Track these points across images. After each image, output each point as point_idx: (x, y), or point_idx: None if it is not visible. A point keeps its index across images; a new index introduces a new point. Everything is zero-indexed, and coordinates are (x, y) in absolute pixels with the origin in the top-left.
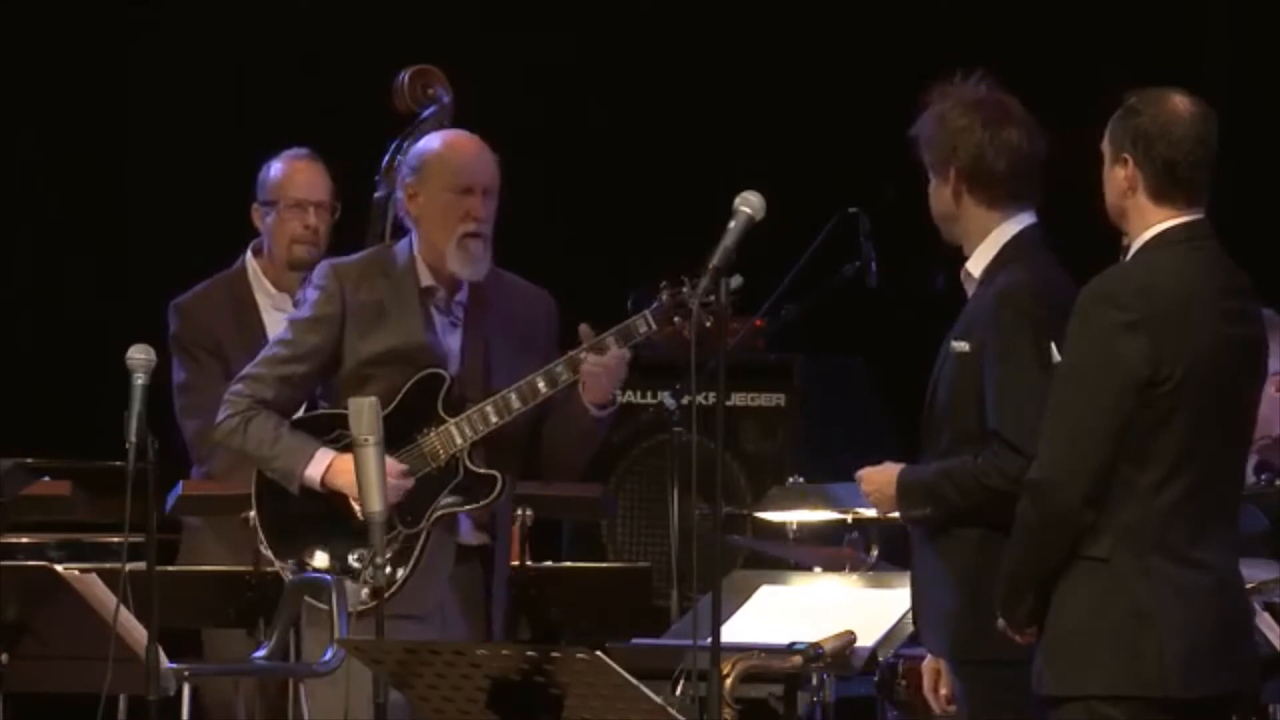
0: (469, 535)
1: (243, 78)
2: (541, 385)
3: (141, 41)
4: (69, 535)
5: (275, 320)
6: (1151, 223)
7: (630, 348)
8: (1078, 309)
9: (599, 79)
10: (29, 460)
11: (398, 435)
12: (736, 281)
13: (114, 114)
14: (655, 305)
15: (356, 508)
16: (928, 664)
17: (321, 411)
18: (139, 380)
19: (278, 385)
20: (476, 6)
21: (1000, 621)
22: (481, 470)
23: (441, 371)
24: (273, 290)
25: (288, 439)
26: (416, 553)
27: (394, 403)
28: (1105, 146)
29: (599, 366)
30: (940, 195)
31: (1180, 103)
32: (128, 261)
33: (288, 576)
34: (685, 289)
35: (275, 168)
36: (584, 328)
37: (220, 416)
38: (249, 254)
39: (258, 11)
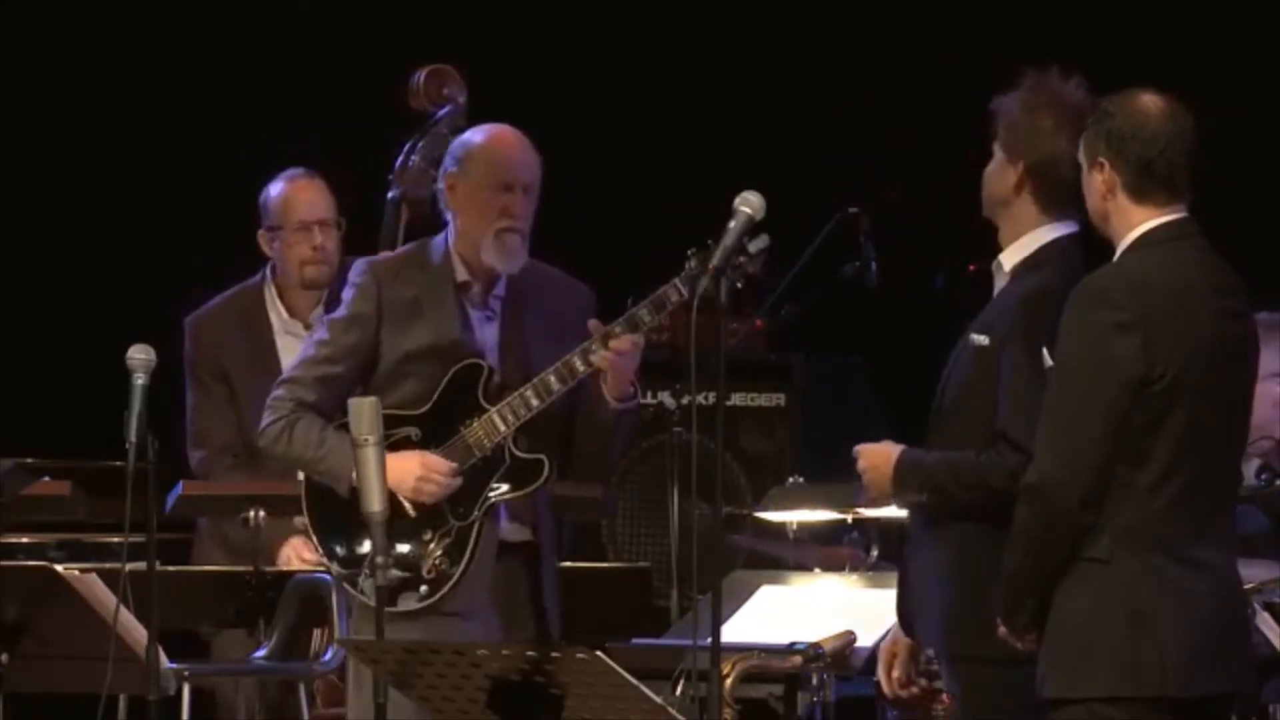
0: (508, 530)
1: (246, 75)
2: (579, 364)
3: (143, 39)
4: (69, 535)
5: (286, 344)
6: (1135, 223)
7: (657, 321)
8: (1069, 310)
9: (598, 79)
10: (29, 460)
11: (442, 429)
12: (762, 241)
13: (115, 113)
14: (683, 273)
15: (407, 505)
16: (885, 645)
17: None
18: (139, 380)
19: (318, 387)
20: (477, 7)
21: (1001, 629)
22: (528, 455)
23: (480, 361)
24: (285, 315)
25: (334, 440)
26: (471, 545)
27: (435, 397)
28: (1081, 155)
29: (613, 355)
30: (1001, 178)
31: (1150, 101)
32: (128, 261)
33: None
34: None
35: (275, 191)
36: (593, 322)
37: (264, 422)
38: (267, 271)
39: (263, 8)
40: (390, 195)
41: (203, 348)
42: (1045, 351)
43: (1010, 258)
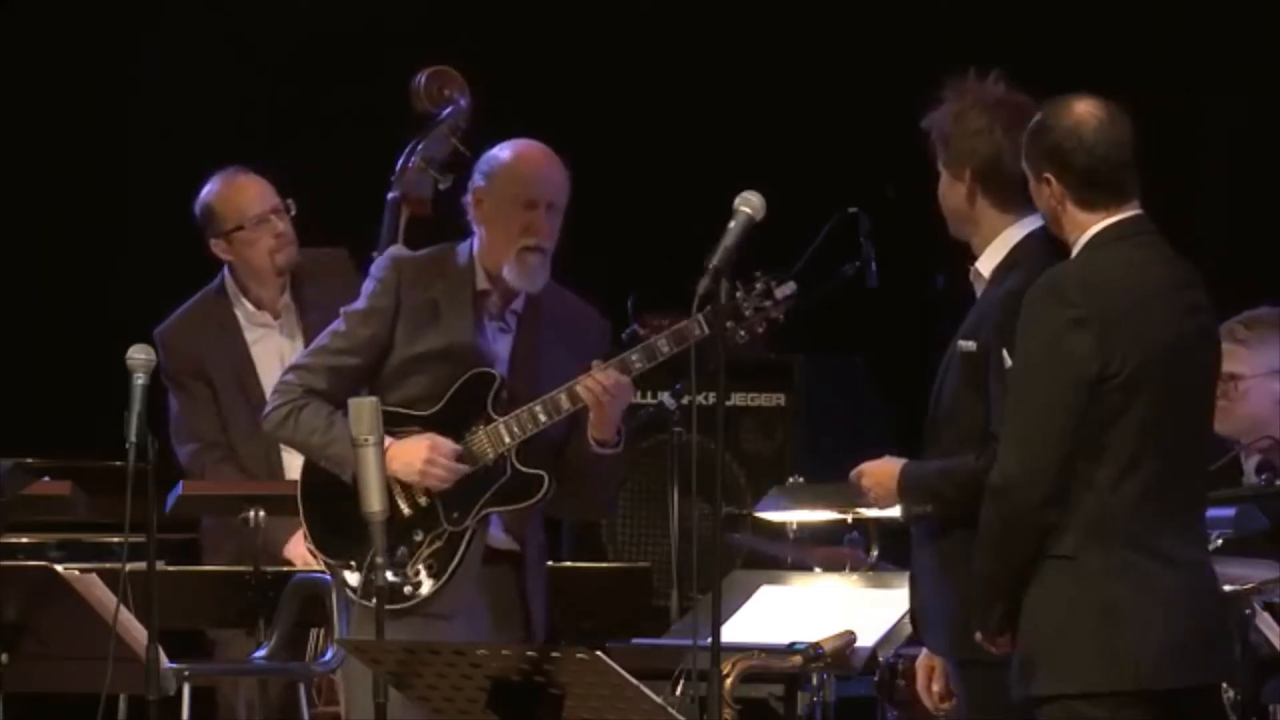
0: (499, 539)
1: (247, 76)
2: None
3: (147, 39)
4: (69, 535)
5: (258, 338)
6: (1088, 227)
7: (674, 353)
8: (1024, 309)
9: (598, 79)
10: (29, 460)
11: (447, 433)
12: (790, 288)
13: (116, 113)
14: (708, 309)
15: (402, 504)
16: (922, 660)
17: None
18: (139, 380)
19: (329, 376)
20: (477, 7)
21: (977, 635)
22: (529, 470)
23: (492, 371)
24: (252, 309)
25: (341, 426)
26: (461, 550)
27: (444, 400)
28: (1024, 167)
29: (596, 384)
30: (953, 192)
31: (1084, 109)
32: (128, 261)
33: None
34: (740, 294)
35: (217, 197)
36: (596, 362)
37: (270, 406)
38: (225, 273)
39: (267, 9)
40: (390, 195)
41: (178, 356)
42: (1005, 352)
43: (986, 263)
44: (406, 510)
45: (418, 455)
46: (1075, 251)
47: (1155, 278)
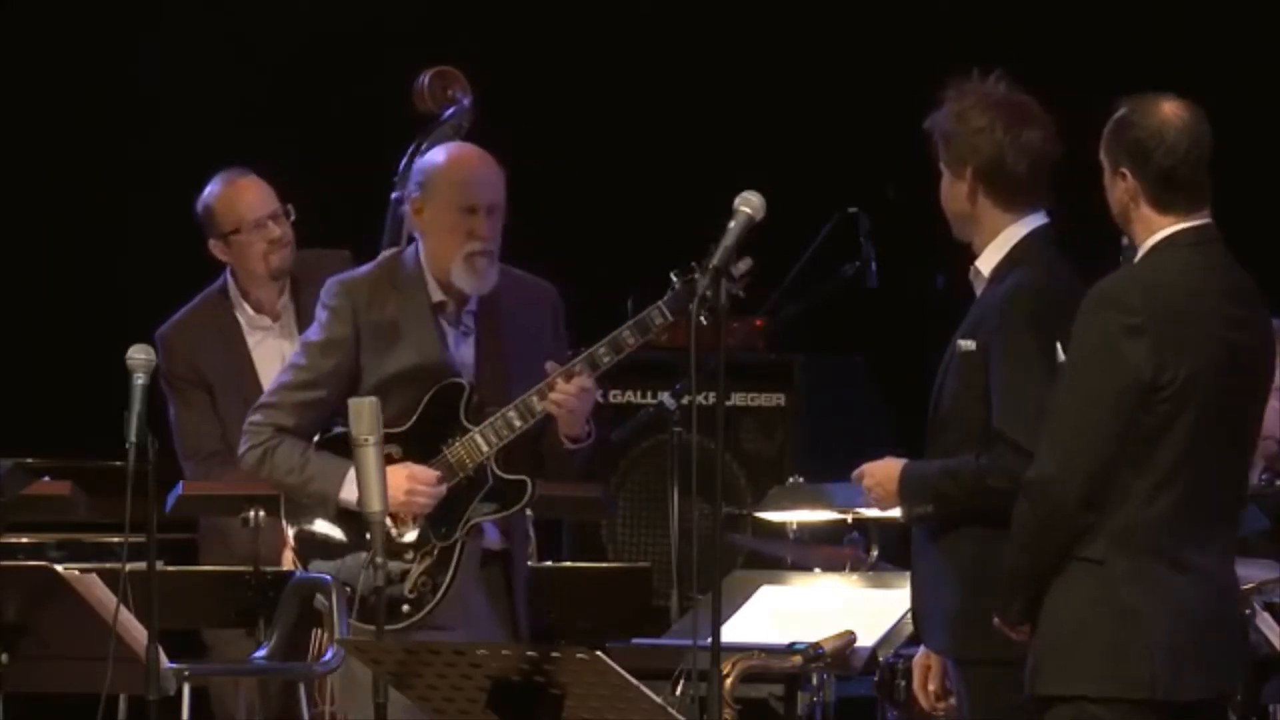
0: (495, 540)
1: (248, 76)
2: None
3: (147, 39)
4: (69, 535)
5: (258, 340)
6: (1156, 229)
7: (640, 343)
8: (1082, 311)
9: (599, 78)
10: (29, 460)
11: (423, 447)
12: (745, 264)
13: (116, 113)
14: (669, 296)
15: (390, 527)
16: (918, 659)
17: (341, 432)
18: (139, 380)
19: (297, 412)
20: (478, 6)
21: (996, 620)
22: (510, 476)
23: (460, 380)
24: (252, 312)
25: (316, 463)
26: (454, 564)
27: (415, 416)
28: (1103, 158)
29: (563, 396)
30: (954, 192)
31: (1170, 109)
32: (128, 261)
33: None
34: (698, 274)
35: (217, 199)
36: (550, 364)
37: (242, 448)
38: (227, 274)
39: (267, 9)
40: (394, 195)
41: (176, 358)
42: (1059, 347)
43: (987, 262)
44: (395, 532)
45: (398, 486)
46: (1140, 254)
47: (1211, 287)
